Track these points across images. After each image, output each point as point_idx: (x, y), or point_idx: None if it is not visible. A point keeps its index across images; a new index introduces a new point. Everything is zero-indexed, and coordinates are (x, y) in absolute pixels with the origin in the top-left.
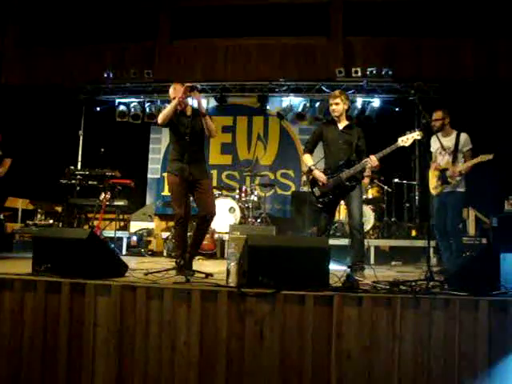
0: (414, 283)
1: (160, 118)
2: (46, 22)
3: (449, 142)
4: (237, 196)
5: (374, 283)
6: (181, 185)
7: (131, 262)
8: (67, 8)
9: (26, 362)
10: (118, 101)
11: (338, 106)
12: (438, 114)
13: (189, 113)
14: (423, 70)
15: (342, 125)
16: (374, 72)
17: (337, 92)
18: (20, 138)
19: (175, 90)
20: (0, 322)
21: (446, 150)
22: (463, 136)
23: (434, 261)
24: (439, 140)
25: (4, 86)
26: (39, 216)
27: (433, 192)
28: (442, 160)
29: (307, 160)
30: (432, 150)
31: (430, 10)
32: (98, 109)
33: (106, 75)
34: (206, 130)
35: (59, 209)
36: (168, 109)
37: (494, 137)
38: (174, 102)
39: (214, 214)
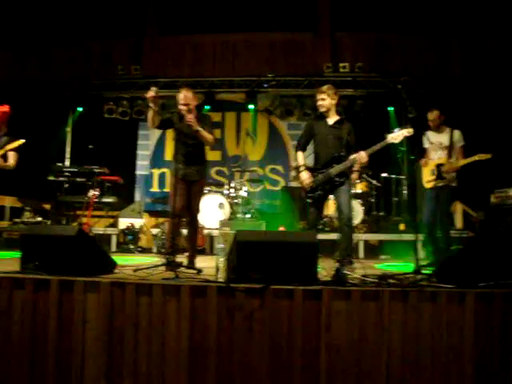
0: (402, 277)
1: (148, 124)
2: (33, 19)
3: (442, 138)
4: (226, 192)
5: (363, 277)
6: (177, 183)
7: (120, 258)
8: (54, 4)
9: (15, 360)
10: (105, 97)
11: (324, 101)
12: (435, 114)
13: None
14: (410, 66)
15: (331, 120)
16: (362, 67)
17: (323, 87)
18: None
19: (185, 97)
20: None
21: (440, 146)
22: (457, 132)
23: (421, 254)
24: (431, 136)
25: None
26: (27, 214)
27: (426, 186)
28: (435, 155)
29: (299, 159)
30: (425, 146)
31: (418, 5)
32: (85, 106)
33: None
34: (203, 140)
35: (47, 206)
36: (148, 114)
37: (482, 132)
38: (150, 107)
39: (195, 216)
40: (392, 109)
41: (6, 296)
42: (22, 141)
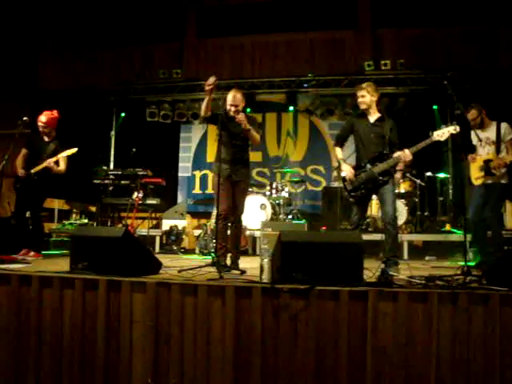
0: (450, 278)
1: (201, 112)
2: (77, 27)
3: (489, 133)
4: (268, 193)
5: (410, 278)
6: (222, 184)
7: (165, 259)
8: (97, 12)
9: (66, 358)
10: (148, 101)
11: (364, 98)
12: (473, 113)
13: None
14: (454, 60)
15: (372, 117)
16: (404, 64)
17: (363, 84)
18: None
19: (234, 98)
20: (40, 318)
21: (487, 141)
22: (504, 125)
23: (469, 255)
24: (477, 132)
25: (41, 91)
26: (74, 216)
27: (475, 183)
28: (483, 151)
29: (337, 153)
30: (474, 142)
31: None
32: (128, 110)
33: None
34: (251, 140)
35: (93, 208)
36: (204, 102)
37: None
38: (207, 94)
39: (240, 216)
40: (436, 107)
41: (57, 295)
42: (75, 149)
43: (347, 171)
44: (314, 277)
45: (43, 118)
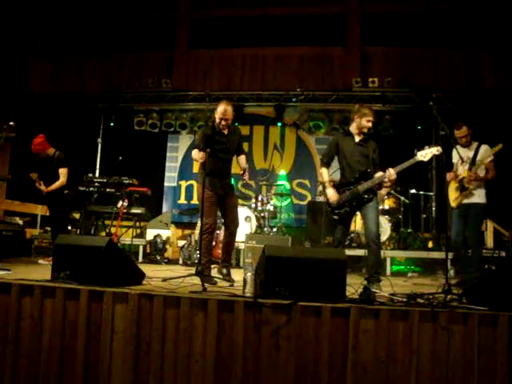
0: (431, 296)
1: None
2: (67, 33)
3: (471, 152)
4: (253, 205)
5: (391, 295)
6: (212, 197)
7: (148, 269)
8: (87, 19)
9: (44, 367)
10: (136, 109)
11: (370, 123)
12: (463, 131)
13: (226, 132)
14: (441, 80)
15: (357, 138)
16: (391, 82)
17: (370, 110)
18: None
19: (226, 112)
20: (20, 327)
21: (467, 160)
22: (484, 147)
23: (451, 273)
24: (459, 151)
25: (28, 95)
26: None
27: (452, 204)
28: (462, 170)
29: (323, 175)
30: (453, 160)
31: (446, 20)
32: (116, 118)
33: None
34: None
35: (77, 216)
36: (196, 157)
37: None
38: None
39: (237, 227)
40: (420, 127)
41: (38, 304)
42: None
43: (331, 196)
44: (297, 292)
45: (32, 147)
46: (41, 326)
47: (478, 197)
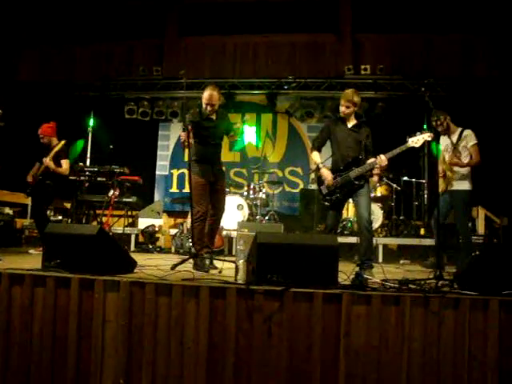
0: (423, 282)
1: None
2: (56, 21)
3: (454, 138)
4: (245, 193)
5: (383, 281)
6: (203, 184)
7: (140, 258)
8: (77, 6)
9: (36, 356)
10: (126, 98)
11: (348, 109)
12: (435, 118)
13: (215, 117)
14: (433, 67)
15: (350, 123)
16: (383, 69)
17: (349, 94)
18: (30, 135)
19: (211, 97)
20: (10, 316)
21: (446, 148)
22: (466, 132)
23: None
24: (442, 140)
25: (17, 83)
26: (48, 212)
27: (439, 191)
28: (448, 157)
29: (315, 157)
30: (441, 148)
31: (440, 6)
32: (106, 106)
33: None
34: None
35: (68, 205)
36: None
37: (505, 134)
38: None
39: (223, 213)
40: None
41: (29, 293)
42: (63, 142)
43: (327, 176)
44: (289, 279)
45: (39, 129)
46: (32, 315)
47: (462, 183)
